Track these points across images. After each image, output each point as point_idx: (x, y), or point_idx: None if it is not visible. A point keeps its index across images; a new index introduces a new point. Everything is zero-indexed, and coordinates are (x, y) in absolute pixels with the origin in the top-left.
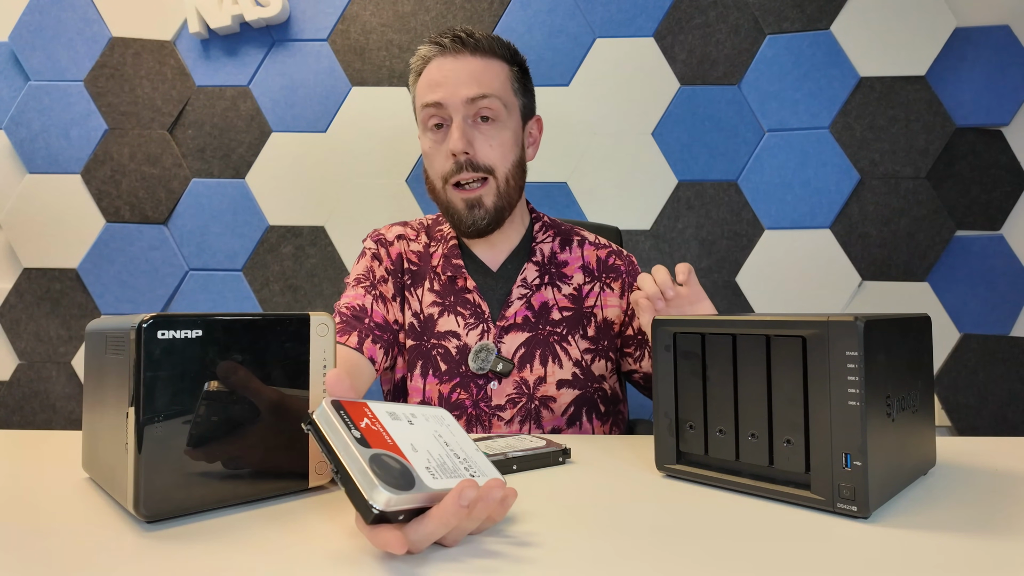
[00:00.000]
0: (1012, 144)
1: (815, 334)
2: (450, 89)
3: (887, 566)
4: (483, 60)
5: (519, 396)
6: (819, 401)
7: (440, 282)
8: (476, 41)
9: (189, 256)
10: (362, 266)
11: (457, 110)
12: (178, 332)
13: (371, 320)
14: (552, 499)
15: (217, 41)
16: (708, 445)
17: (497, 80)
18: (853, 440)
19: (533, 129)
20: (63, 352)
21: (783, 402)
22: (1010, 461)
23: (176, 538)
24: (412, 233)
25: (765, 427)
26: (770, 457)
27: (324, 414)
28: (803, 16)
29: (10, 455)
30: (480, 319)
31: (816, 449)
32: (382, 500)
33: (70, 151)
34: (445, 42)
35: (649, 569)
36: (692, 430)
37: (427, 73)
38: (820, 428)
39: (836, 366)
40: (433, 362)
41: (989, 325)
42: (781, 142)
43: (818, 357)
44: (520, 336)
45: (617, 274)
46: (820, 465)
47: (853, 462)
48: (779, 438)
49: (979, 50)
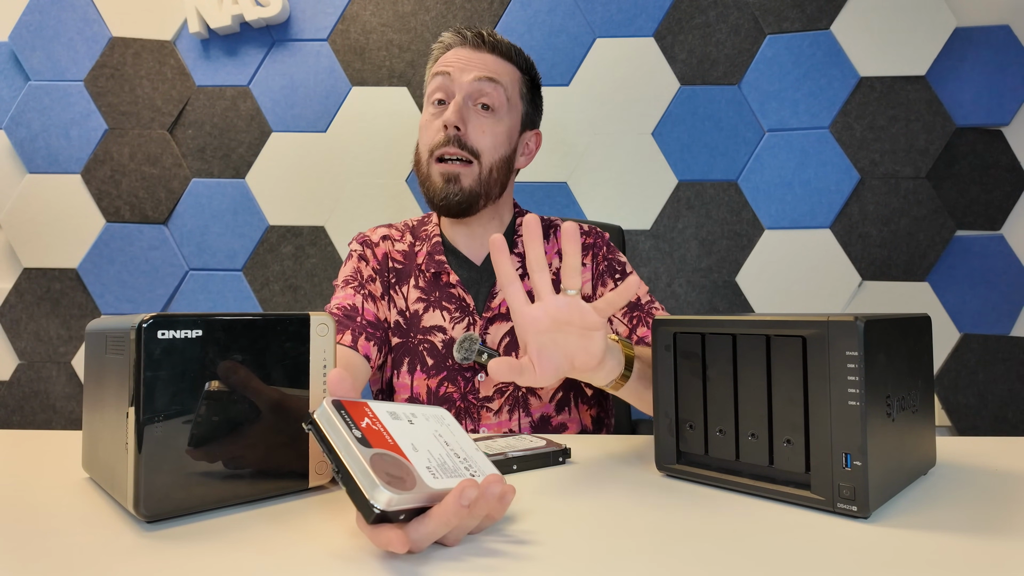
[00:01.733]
0: (1012, 144)
1: (815, 334)
2: (460, 67)
3: (887, 566)
4: (498, 59)
5: (506, 385)
6: (819, 401)
7: (425, 279)
8: (496, 42)
9: (189, 256)
10: (349, 268)
11: (462, 88)
12: (178, 332)
13: (363, 318)
14: (552, 499)
15: (217, 41)
16: (708, 445)
17: (507, 76)
18: (853, 440)
19: (531, 141)
20: (63, 352)
21: (783, 402)
22: (1010, 461)
23: (176, 538)
24: (397, 234)
25: (765, 427)
26: (770, 457)
27: (325, 414)
28: (803, 16)
29: (10, 455)
30: (465, 312)
31: (816, 449)
32: (384, 500)
33: (70, 151)
34: (467, 35)
35: (649, 569)
36: (692, 430)
37: (443, 57)
38: (820, 428)
39: (836, 366)
40: (420, 357)
41: (989, 325)
42: (781, 142)
43: (818, 357)
44: (505, 326)
45: (587, 250)
46: (820, 465)
47: (853, 462)
48: (779, 438)
49: (979, 50)
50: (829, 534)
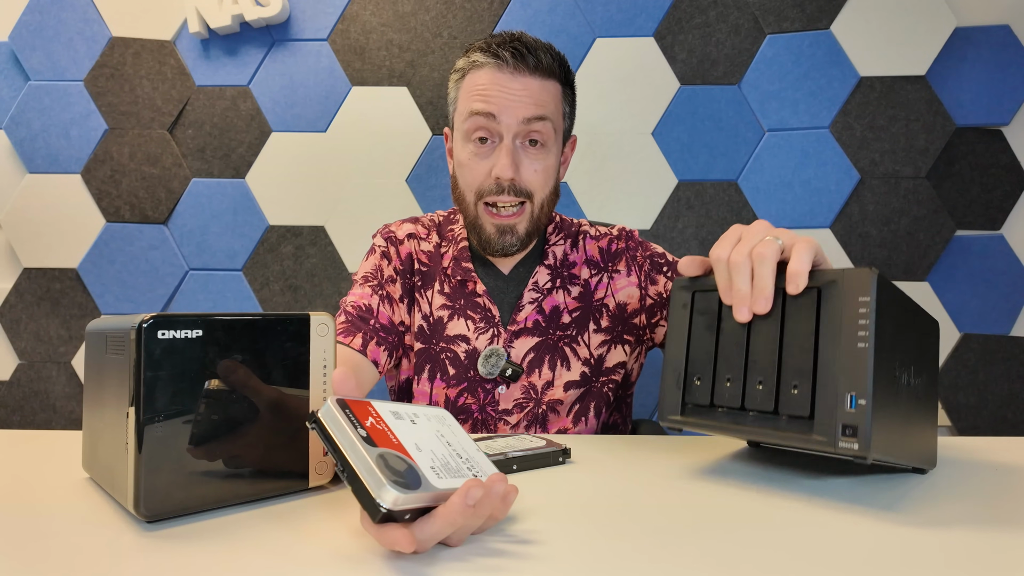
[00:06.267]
0: (1012, 144)
1: (830, 283)
2: (505, 105)
3: (887, 564)
4: (541, 80)
5: (527, 401)
6: (829, 346)
7: (450, 284)
8: (537, 60)
9: (189, 256)
10: (370, 264)
11: (510, 130)
12: (178, 332)
13: (376, 321)
14: (553, 499)
15: (217, 41)
16: (714, 395)
17: (553, 103)
18: (859, 381)
19: (567, 149)
20: (63, 352)
21: (794, 351)
22: (1010, 461)
23: (176, 538)
24: (423, 231)
25: (774, 375)
26: (776, 403)
27: (330, 412)
28: (803, 16)
29: (10, 455)
30: (490, 323)
31: (822, 392)
32: (390, 499)
33: (70, 151)
34: (505, 56)
35: (651, 568)
36: (699, 383)
37: (477, 78)
38: (827, 372)
39: (848, 311)
40: (441, 366)
41: (989, 325)
42: (781, 142)
43: (831, 305)
44: (530, 341)
45: (620, 255)
46: (825, 408)
47: (858, 401)
48: (786, 385)
49: (979, 50)
50: (829, 532)
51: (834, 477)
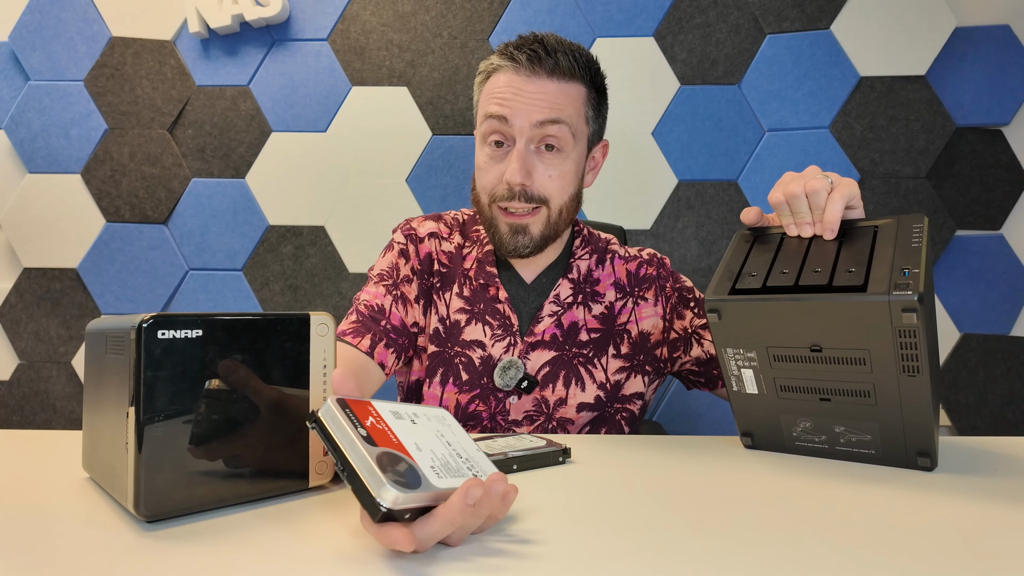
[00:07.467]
0: (1012, 144)
1: (887, 223)
2: (518, 108)
3: (887, 564)
4: (560, 83)
5: (537, 414)
6: (885, 247)
7: (471, 287)
8: (555, 62)
9: (189, 256)
10: (387, 261)
11: (522, 133)
12: (178, 332)
13: (388, 322)
14: (553, 499)
15: (217, 41)
16: (768, 281)
17: (571, 106)
18: (912, 259)
19: (597, 154)
20: (63, 352)
21: (851, 253)
22: (1010, 461)
23: (176, 538)
24: (445, 231)
25: (830, 263)
26: (831, 280)
27: (330, 412)
28: (803, 16)
29: (10, 455)
30: (508, 331)
31: (877, 267)
32: (390, 498)
33: (70, 151)
34: (521, 59)
35: (652, 568)
36: (754, 276)
37: (495, 81)
38: (883, 258)
39: (904, 232)
40: (455, 370)
41: (989, 325)
42: (781, 142)
43: (888, 234)
44: (546, 354)
45: (650, 282)
46: (879, 277)
47: (912, 271)
48: (842, 268)
49: (979, 50)
50: (829, 534)
51: (834, 477)
